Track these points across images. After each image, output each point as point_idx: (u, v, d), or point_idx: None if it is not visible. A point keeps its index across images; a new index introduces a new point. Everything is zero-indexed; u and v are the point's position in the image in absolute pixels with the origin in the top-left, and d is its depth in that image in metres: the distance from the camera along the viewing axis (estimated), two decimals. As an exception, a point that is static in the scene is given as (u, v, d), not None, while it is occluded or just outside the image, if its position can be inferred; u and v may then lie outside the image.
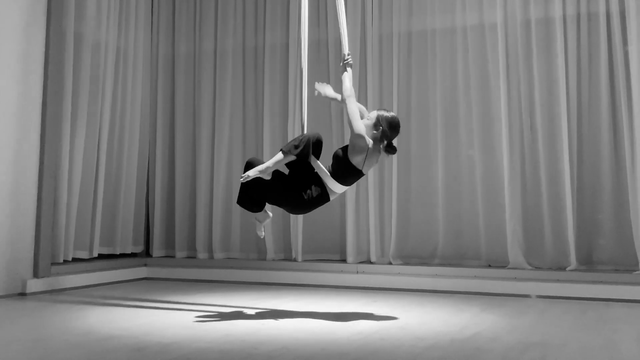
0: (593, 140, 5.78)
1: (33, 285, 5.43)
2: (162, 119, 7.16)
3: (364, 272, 6.16)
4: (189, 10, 7.19)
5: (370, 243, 6.31)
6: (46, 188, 5.58)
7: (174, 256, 6.97)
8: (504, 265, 5.87)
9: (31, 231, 5.50)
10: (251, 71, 6.98)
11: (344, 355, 3.33)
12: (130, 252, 6.84)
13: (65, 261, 6.00)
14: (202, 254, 6.86)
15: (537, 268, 5.78)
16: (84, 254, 6.24)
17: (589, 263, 5.72)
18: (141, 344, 3.53)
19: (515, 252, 5.79)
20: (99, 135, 6.43)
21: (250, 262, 6.68)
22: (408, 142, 6.35)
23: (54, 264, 5.76)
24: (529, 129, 5.96)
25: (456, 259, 6.11)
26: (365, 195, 6.38)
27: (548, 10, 5.93)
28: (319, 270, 6.29)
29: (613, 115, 5.72)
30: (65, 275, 5.80)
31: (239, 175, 6.75)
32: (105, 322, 4.19)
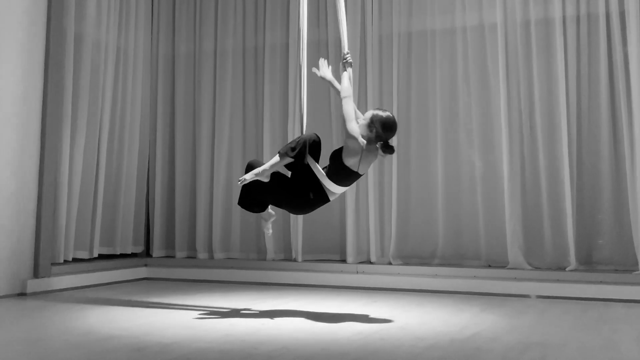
0: (593, 140, 5.78)
1: (33, 285, 5.44)
2: (162, 119, 7.16)
3: (364, 272, 6.16)
4: (189, 10, 7.19)
5: (370, 243, 6.31)
6: (46, 188, 5.58)
7: (174, 256, 6.97)
8: (503, 265, 5.87)
9: (31, 231, 5.51)
10: (251, 71, 6.98)
11: (344, 355, 3.33)
12: (130, 252, 6.84)
13: (66, 261, 6.01)
14: (202, 254, 6.86)
15: (537, 268, 5.79)
16: (84, 254, 6.24)
17: (588, 263, 5.72)
18: (141, 344, 3.53)
19: (515, 252, 5.80)
20: (99, 135, 6.43)
21: (250, 262, 6.69)
22: (408, 142, 6.36)
23: (54, 264, 5.76)
24: (529, 129, 5.96)
25: (456, 259, 6.12)
26: (365, 195, 6.38)
27: (548, 11, 5.94)
28: (319, 270, 6.29)
29: (612, 116, 5.72)
30: (65, 275, 5.80)
31: (239, 176, 6.82)
32: (105, 322, 4.19)
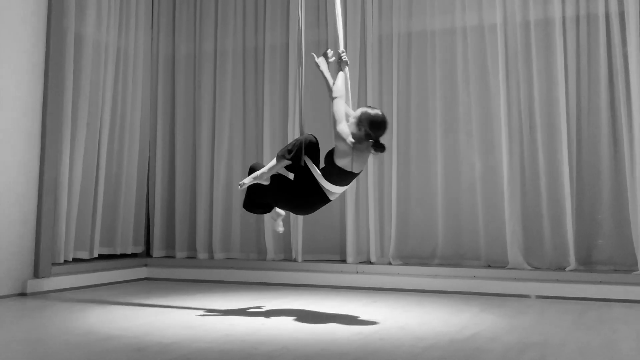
0: (592, 141, 5.79)
1: (33, 285, 5.44)
2: (162, 120, 7.17)
3: (363, 273, 6.17)
4: (189, 11, 7.20)
5: (370, 243, 6.31)
6: (47, 188, 5.59)
7: (174, 256, 6.98)
8: (503, 265, 5.88)
9: (32, 231, 5.52)
10: (251, 71, 6.98)
11: (344, 355, 3.34)
12: (130, 253, 6.84)
13: (66, 261, 6.01)
14: (202, 254, 6.87)
15: (537, 268, 5.79)
16: (84, 255, 6.25)
17: (588, 263, 5.72)
18: (141, 344, 3.54)
19: (514, 253, 5.80)
20: (99, 135, 6.44)
21: (250, 263, 6.69)
22: (408, 143, 6.37)
23: (54, 264, 5.77)
24: (529, 129, 5.96)
25: (456, 259, 6.12)
26: (365, 195, 6.39)
27: (547, 11, 5.94)
28: (318, 270, 6.29)
29: (612, 116, 5.73)
30: (65, 275, 5.81)
31: (239, 176, 6.85)
32: (105, 322, 4.20)
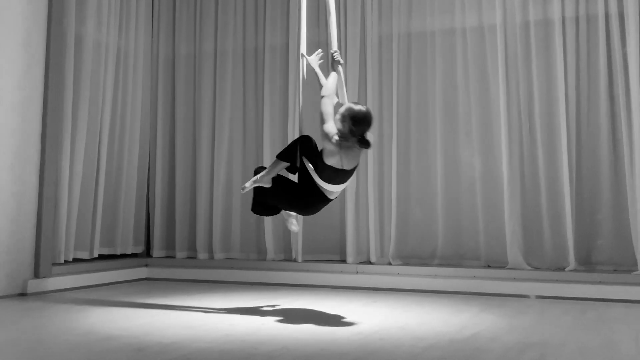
0: (592, 141, 5.79)
1: (34, 285, 5.45)
2: (163, 120, 7.17)
3: (363, 273, 6.17)
4: (189, 11, 7.20)
5: (370, 243, 6.32)
6: (47, 188, 5.59)
7: (175, 256, 6.97)
8: (503, 265, 5.88)
9: (32, 232, 5.52)
10: (251, 72, 6.99)
11: (344, 355, 3.34)
12: (130, 253, 6.84)
13: (66, 261, 6.01)
14: (203, 255, 6.87)
15: (536, 268, 5.79)
16: (84, 255, 6.25)
17: (588, 263, 5.73)
18: (141, 344, 3.54)
19: (514, 253, 5.80)
20: (99, 135, 6.44)
21: (251, 263, 6.69)
22: (407, 143, 6.37)
23: (54, 264, 5.77)
24: (528, 129, 5.97)
25: (455, 259, 6.12)
26: (365, 195, 6.39)
27: (547, 12, 5.95)
28: (318, 270, 6.30)
29: (612, 116, 5.73)
30: (65, 275, 5.81)
31: (239, 176, 6.86)
32: (105, 323, 4.20)
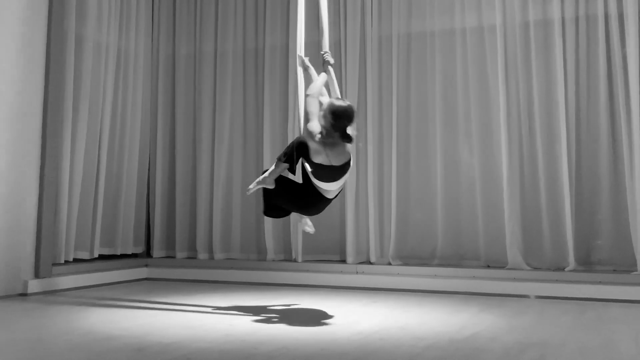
0: (591, 141, 5.79)
1: (34, 285, 5.45)
2: (163, 120, 7.18)
3: (363, 273, 6.18)
4: (189, 12, 7.20)
5: (370, 243, 6.32)
6: (47, 189, 5.60)
7: (175, 257, 6.98)
8: (502, 265, 5.89)
9: (32, 232, 5.52)
10: (251, 72, 6.99)
11: (344, 355, 3.35)
12: (130, 253, 6.85)
13: (66, 262, 6.02)
14: (203, 255, 6.88)
15: (536, 268, 5.80)
16: (84, 255, 6.26)
17: (587, 263, 5.73)
18: (142, 344, 3.55)
19: (514, 253, 5.81)
20: (99, 136, 6.45)
21: (251, 263, 6.70)
22: (407, 143, 6.38)
23: (55, 264, 5.77)
24: (528, 129, 5.97)
25: (455, 259, 6.13)
26: (364, 196, 6.40)
27: (546, 13, 5.95)
28: (318, 270, 6.30)
29: (611, 117, 5.74)
30: (66, 275, 5.81)
31: (240, 176, 6.88)
32: (106, 323, 4.21)
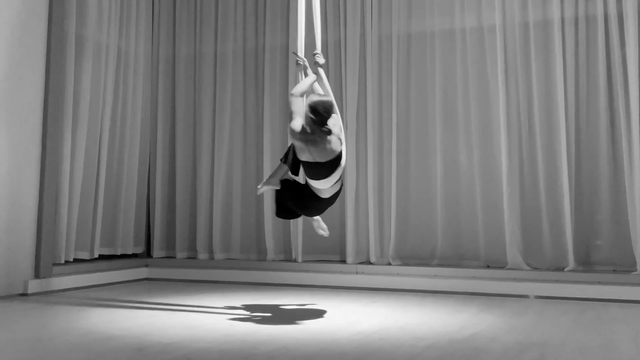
0: (591, 141, 5.80)
1: (34, 285, 5.46)
2: (163, 121, 7.18)
3: (363, 273, 6.18)
4: (189, 13, 7.21)
5: (370, 244, 6.33)
6: (47, 189, 5.61)
7: (175, 257, 6.99)
8: (502, 265, 5.89)
9: (32, 232, 5.53)
10: (251, 73, 7.00)
11: (344, 355, 3.35)
12: (131, 253, 6.86)
13: (67, 262, 6.03)
14: (203, 255, 6.88)
15: (536, 269, 5.80)
16: (85, 255, 6.26)
17: (587, 264, 5.73)
18: (142, 344, 3.55)
19: (513, 253, 5.81)
20: (100, 136, 6.45)
21: (251, 263, 6.71)
22: (407, 143, 6.38)
23: (55, 264, 5.78)
24: (527, 130, 5.98)
25: (455, 259, 6.13)
26: (364, 196, 6.40)
27: (546, 13, 5.96)
28: (318, 270, 6.31)
29: (611, 117, 5.74)
30: (66, 275, 5.82)
31: (239, 176, 6.89)
32: (106, 323, 4.21)
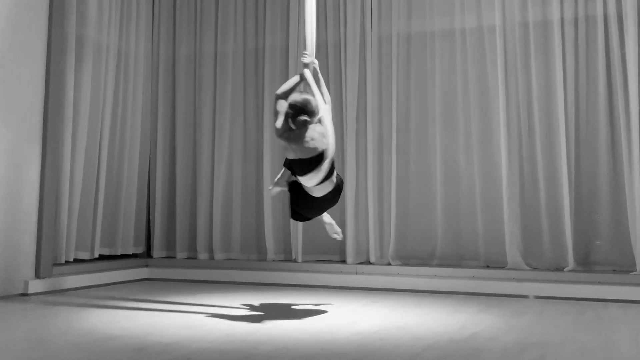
0: (591, 142, 5.80)
1: (35, 285, 5.46)
2: (163, 121, 7.19)
3: (363, 273, 6.19)
4: (189, 13, 7.21)
5: (370, 244, 6.33)
6: (48, 189, 5.61)
7: (175, 257, 6.99)
8: (502, 266, 5.90)
9: (33, 232, 5.53)
10: (251, 73, 7.00)
11: (344, 355, 3.36)
12: (131, 253, 6.86)
13: (67, 262, 6.03)
14: (203, 255, 6.89)
15: (535, 269, 5.81)
16: (85, 255, 6.27)
17: (586, 264, 5.74)
18: (142, 344, 3.56)
19: (513, 253, 5.82)
20: (100, 136, 6.46)
21: (251, 263, 6.71)
22: (407, 144, 6.38)
23: (55, 264, 5.78)
24: (527, 130, 5.98)
25: (455, 259, 6.14)
26: (364, 196, 6.41)
27: (546, 13, 5.96)
28: (318, 271, 6.31)
29: (610, 117, 5.75)
30: (66, 275, 5.83)
31: (240, 177, 6.90)
32: (106, 323, 4.22)
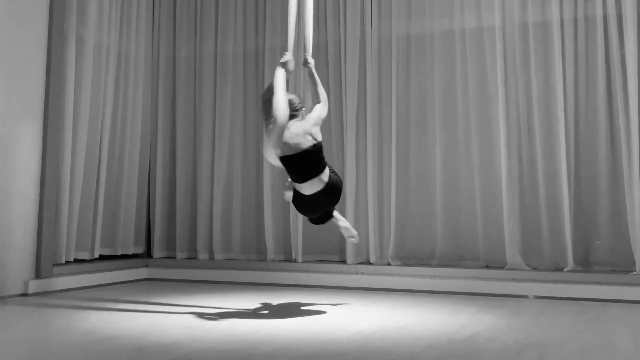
0: (590, 142, 5.80)
1: (35, 286, 5.47)
2: (163, 121, 7.19)
3: (363, 273, 6.19)
4: (189, 13, 7.21)
5: (369, 244, 6.33)
6: (48, 189, 5.62)
7: (175, 257, 6.99)
8: (501, 266, 5.90)
9: (33, 232, 5.54)
10: (251, 73, 7.00)
11: (344, 355, 3.36)
12: (131, 253, 6.86)
13: (67, 262, 6.03)
14: (203, 255, 6.89)
15: (535, 269, 5.81)
16: (85, 255, 6.27)
17: (586, 264, 5.74)
18: (142, 344, 3.56)
19: (513, 253, 5.82)
20: (100, 137, 6.46)
21: (251, 263, 6.71)
22: (407, 144, 6.38)
23: (55, 264, 5.78)
24: (527, 130, 5.98)
25: (454, 259, 6.14)
26: (364, 196, 6.41)
27: (545, 14, 5.96)
28: (318, 271, 6.32)
29: (610, 117, 5.75)
30: (66, 276, 5.83)
31: (240, 177, 6.90)
32: (106, 323, 4.22)
